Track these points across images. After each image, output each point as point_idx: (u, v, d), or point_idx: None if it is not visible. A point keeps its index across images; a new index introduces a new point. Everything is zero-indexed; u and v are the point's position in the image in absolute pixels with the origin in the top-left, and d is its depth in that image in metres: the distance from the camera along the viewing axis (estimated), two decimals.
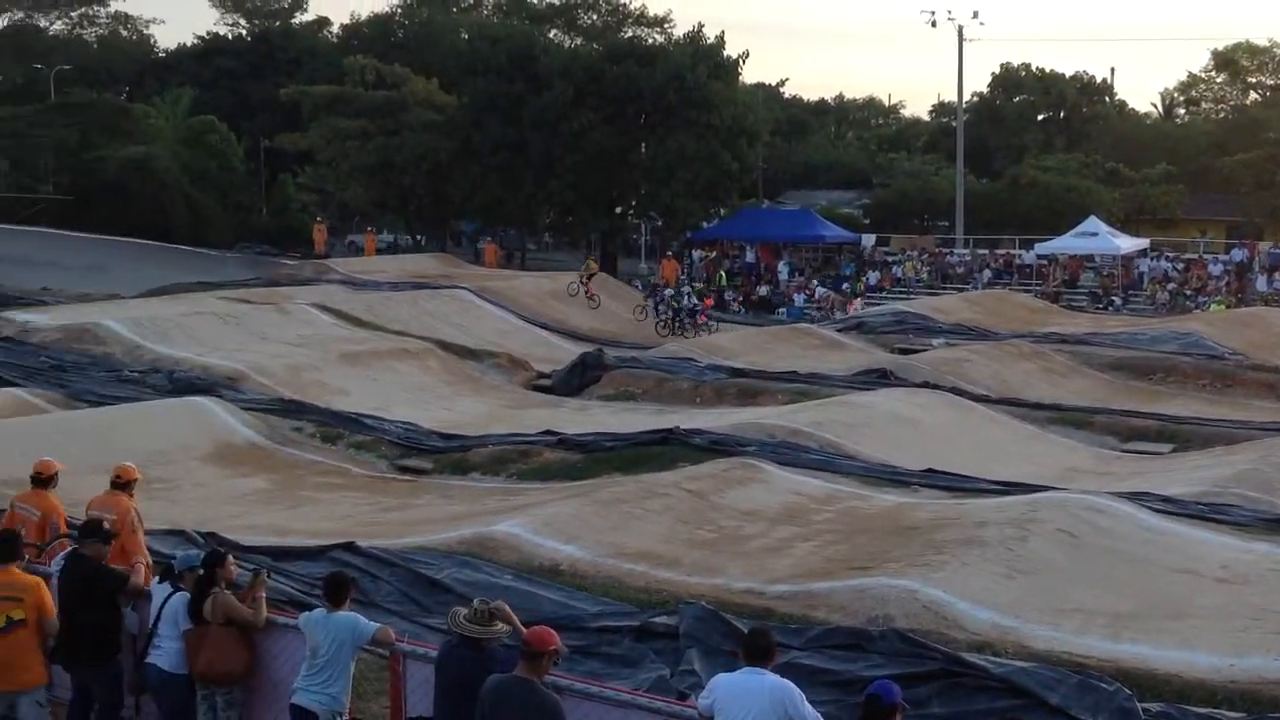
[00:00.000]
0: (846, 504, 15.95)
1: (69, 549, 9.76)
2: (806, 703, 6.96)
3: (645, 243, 63.66)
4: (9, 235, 50.58)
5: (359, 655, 8.64)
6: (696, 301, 38.42)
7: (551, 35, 63.20)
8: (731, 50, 54.37)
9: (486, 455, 19.27)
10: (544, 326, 34.28)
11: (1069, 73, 75.28)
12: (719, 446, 18.31)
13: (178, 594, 9.20)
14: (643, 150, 54.13)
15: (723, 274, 50.75)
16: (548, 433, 20.25)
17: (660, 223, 59.12)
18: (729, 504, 15.49)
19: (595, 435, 19.86)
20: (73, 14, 77.20)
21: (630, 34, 61.48)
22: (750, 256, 52.87)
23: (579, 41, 62.78)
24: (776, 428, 19.62)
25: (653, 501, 15.16)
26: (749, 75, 62.95)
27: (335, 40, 75.88)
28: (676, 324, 36.49)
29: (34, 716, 9.23)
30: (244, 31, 78.37)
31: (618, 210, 58.12)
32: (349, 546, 12.86)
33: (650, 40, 58.45)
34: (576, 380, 26.79)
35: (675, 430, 19.25)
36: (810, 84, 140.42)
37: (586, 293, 38.87)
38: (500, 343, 30.88)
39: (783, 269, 51.45)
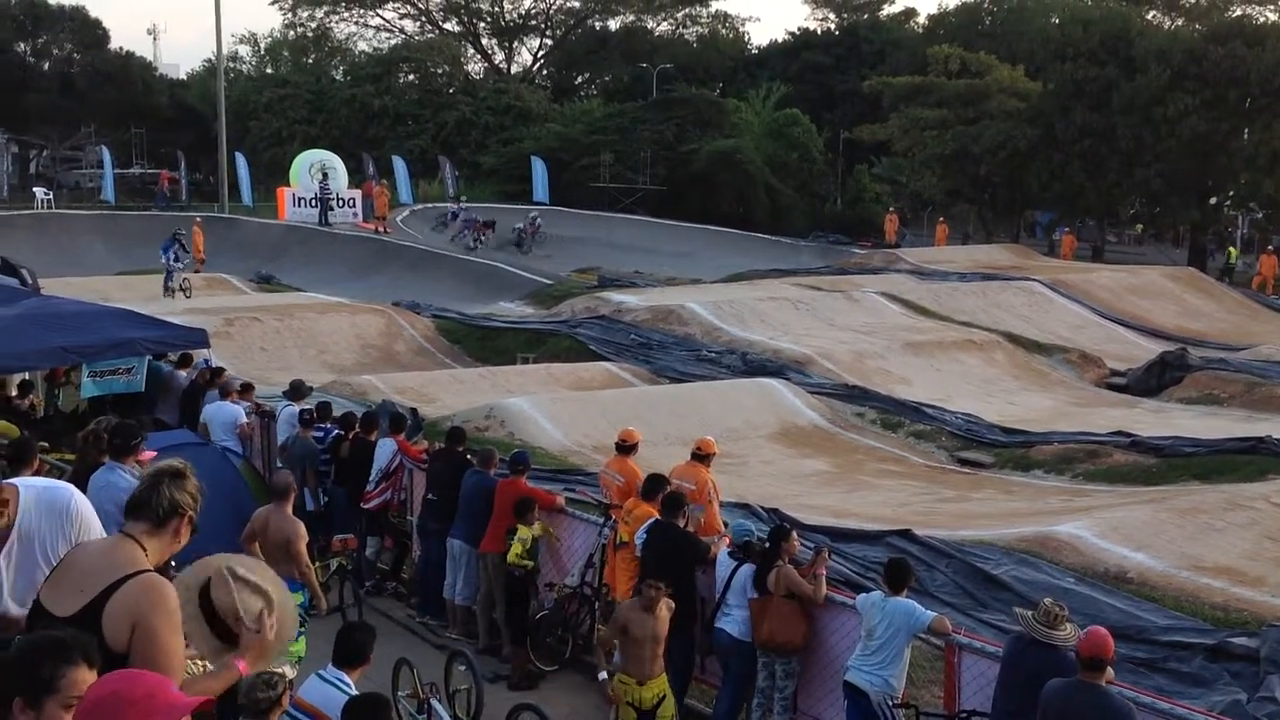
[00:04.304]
0: None
1: (653, 518, 10.38)
2: None
3: (1241, 236, 58.69)
4: (611, 223, 55.32)
5: (913, 643, 8.67)
6: None
7: (1149, 17, 59.74)
8: None
9: (1051, 453, 18.66)
10: (1121, 323, 32.52)
11: None
12: None
13: (745, 565, 9.65)
14: (1245, 137, 49.90)
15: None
16: (1119, 433, 19.28)
17: (1261, 215, 54.26)
18: None
19: (1173, 439, 18.65)
20: (677, 14, 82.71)
21: (1239, 12, 56.81)
22: None
23: (1179, 22, 58.90)
24: None
25: (1236, 514, 14.02)
26: None
27: (921, 30, 76.03)
28: None
29: None
30: (833, 25, 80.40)
31: (1211, 201, 53.99)
32: (905, 534, 12.93)
33: (1261, 19, 53.73)
34: (1154, 380, 25.24)
35: (1266, 439, 17.70)
36: None
37: None
38: (1071, 338, 29.69)
39: None
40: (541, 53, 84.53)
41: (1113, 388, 25.95)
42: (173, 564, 4.93)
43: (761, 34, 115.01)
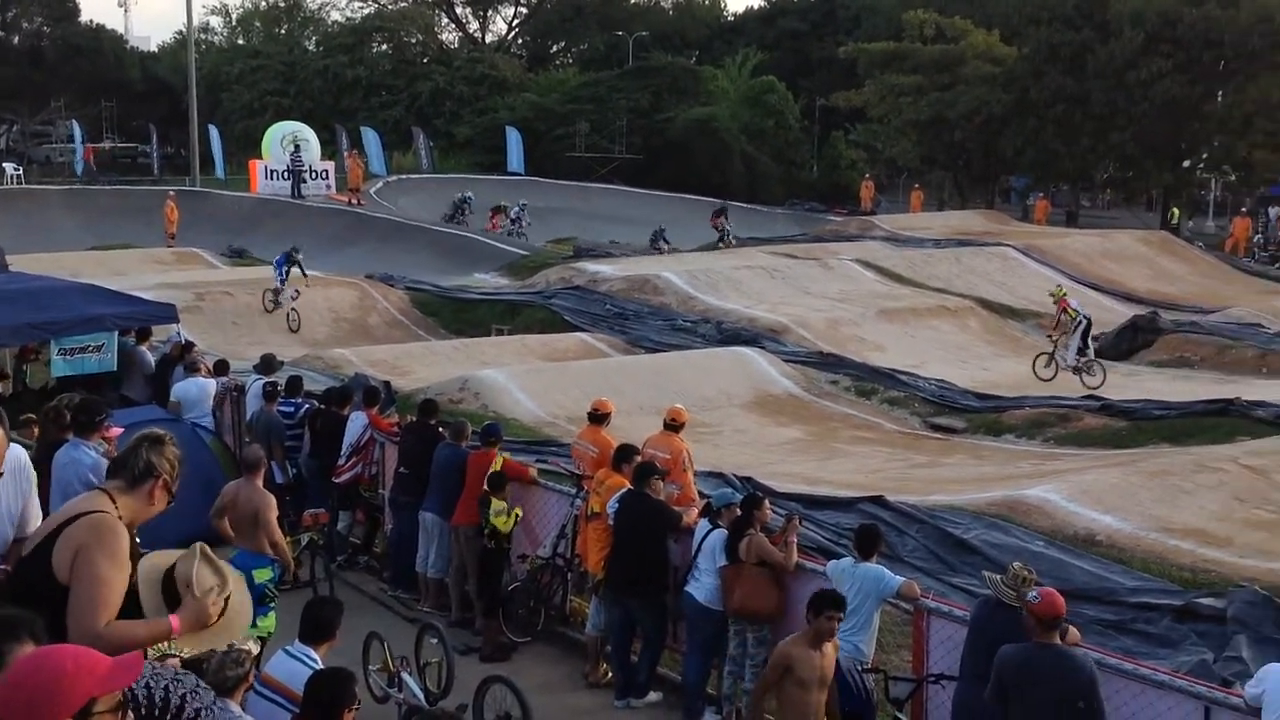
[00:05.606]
0: None
1: (626, 488, 10.35)
2: None
3: (1214, 199, 58.90)
4: (587, 193, 55.11)
5: (883, 608, 8.72)
6: None
7: None
8: None
9: (1023, 417, 18.77)
10: (1095, 287, 32.65)
11: None
12: None
13: (716, 531, 9.67)
14: (1218, 99, 50.00)
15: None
16: (1090, 397, 19.42)
17: (1233, 177, 54.45)
18: None
19: (1143, 402, 18.79)
20: None
21: None
22: None
23: None
24: None
25: (1204, 476, 14.12)
26: None
27: None
28: None
29: None
30: None
31: (1184, 164, 54.17)
32: (878, 500, 12.99)
33: None
34: (1126, 344, 25.42)
35: (1235, 401, 17.83)
36: None
37: None
38: (1045, 303, 29.73)
39: None
40: (516, 21, 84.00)
41: None
42: (137, 539, 4.94)
43: (737, 0, 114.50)
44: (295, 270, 26.80)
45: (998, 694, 7.08)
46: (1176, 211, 48.28)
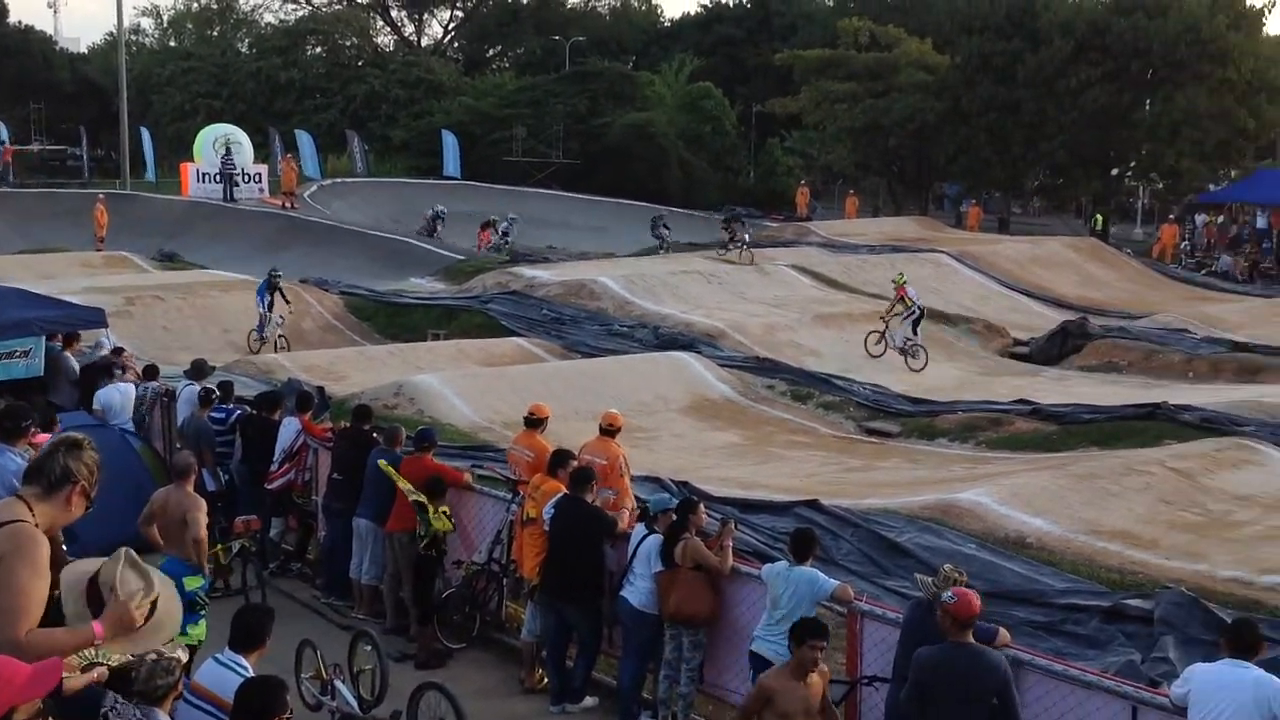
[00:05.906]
0: None
1: (562, 493, 10.35)
2: None
3: (1142, 206, 59.87)
4: (524, 197, 54.93)
5: (817, 611, 8.77)
6: None
7: None
8: None
9: (955, 422, 18.96)
10: (1025, 293, 33.11)
11: None
12: (1211, 425, 17.11)
13: (652, 536, 9.69)
14: (1146, 108, 50.86)
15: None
16: (1021, 401, 19.65)
17: (1161, 185, 55.39)
18: (1219, 486, 14.46)
19: (1073, 406, 19.06)
20: None
21: None
22: (1261, 222, 48.41)
23: None
24: None
25: (1132, 479, 14.39)
26: (1275, 25, 57.13)
27: (832, 4, 76.20)
28: None
29: None
30: None
31: (1113, 172, 54.99)
32: (813, 504, 13.07)
33: None
34: (1056, 349, 25.77)
35: (1162, 405, 18.12)
36: None
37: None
38: (977, 308, 30.14)
39: None
40: (452, 25, 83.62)
41: (1016, 357, 26.44)
42: (63, 544, 4.89)
43: (674, 6, 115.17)
44: (277, 296, 25.17)
45: (915, 694, 7.17)
46: (1100, 218, 49.07)
